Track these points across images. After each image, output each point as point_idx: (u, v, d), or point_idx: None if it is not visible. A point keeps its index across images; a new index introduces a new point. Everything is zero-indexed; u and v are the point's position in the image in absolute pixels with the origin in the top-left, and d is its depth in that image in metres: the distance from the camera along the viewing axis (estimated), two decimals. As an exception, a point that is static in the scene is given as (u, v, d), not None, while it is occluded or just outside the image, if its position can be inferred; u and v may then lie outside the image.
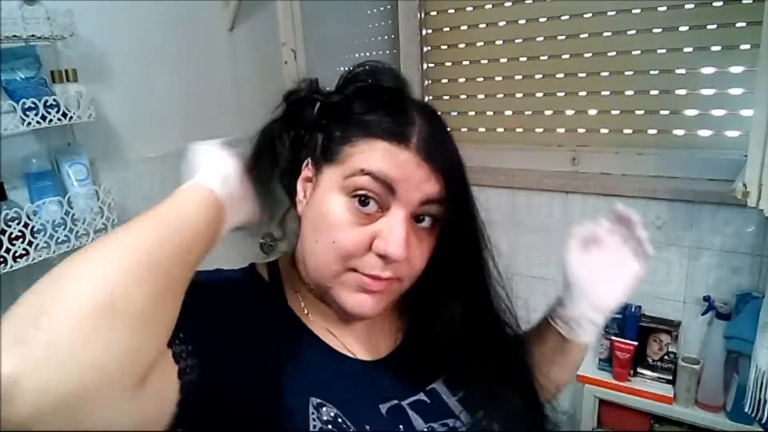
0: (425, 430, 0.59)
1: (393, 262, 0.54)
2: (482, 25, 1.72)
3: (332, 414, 0.55)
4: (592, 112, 1.61)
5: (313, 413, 0.54)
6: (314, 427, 0.53)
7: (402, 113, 0.55)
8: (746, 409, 1.16)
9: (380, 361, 0.64)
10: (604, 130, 1.61)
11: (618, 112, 1.58)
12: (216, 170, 0.55)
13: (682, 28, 1.42)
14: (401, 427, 0.58)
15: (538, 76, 1.66)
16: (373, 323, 0.67)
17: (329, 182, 0.56)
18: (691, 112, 1.47)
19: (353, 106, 0.57)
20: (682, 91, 1.47)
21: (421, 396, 0.63)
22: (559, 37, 1.60)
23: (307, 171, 0.60)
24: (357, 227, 0.54)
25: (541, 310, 0.73)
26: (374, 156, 0.53)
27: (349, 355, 0.62)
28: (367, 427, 0.56)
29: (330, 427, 0.54)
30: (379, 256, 0.54)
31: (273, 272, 0.64)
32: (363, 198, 0.54)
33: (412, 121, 0.55)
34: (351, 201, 0.54)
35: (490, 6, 1.69)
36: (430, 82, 1.90)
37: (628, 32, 1.50)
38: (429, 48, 1.87)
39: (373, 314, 0.58)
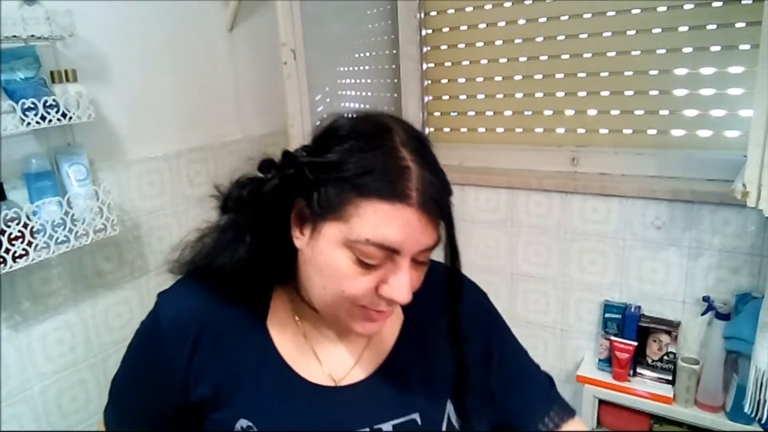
0: None
1: (400, 304, 0.59)
2: (482, 25, 1.73)
3: None
4: (592, 112, 1.62)
5: None
6: None
7: (396, 166, 0.55)
8: (746, 410, 1.16)
9: (349, 387, 0.66)
10: (603, 131, 1.61)
11: (617, 112, 1.58)
12: None
13: (682, 29, 1.42)
14: None
15: (537, 77, 1.66)
16: (367, 344, 0.70)
17: (333, 236, 0.57)
18: (690, 113, 1.47)
19: (345, 166, 0.55)
20: (681, 92, 1.47)
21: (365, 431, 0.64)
22: (559, 38, 1.60)
23: (301, 209, 0.60)
24: (363, 277, 0.57)
25: (540, 310, 0.73)
26: (377, 222, 0.54)
27: (314, 381, 0.65)
28: None
29: None
30: (386, 299, 0.59)
31: (262, 295, 0.67)
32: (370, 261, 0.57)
33: (408, 172, 0.55)
34: (357, 259, 0.57)
35: (489, 6, 1.69)
36: (430, 82, 1.90)
37: (628, 32, 1.50)
38: (429, 48, 1.87)
39: (378, 332, 0.68)
